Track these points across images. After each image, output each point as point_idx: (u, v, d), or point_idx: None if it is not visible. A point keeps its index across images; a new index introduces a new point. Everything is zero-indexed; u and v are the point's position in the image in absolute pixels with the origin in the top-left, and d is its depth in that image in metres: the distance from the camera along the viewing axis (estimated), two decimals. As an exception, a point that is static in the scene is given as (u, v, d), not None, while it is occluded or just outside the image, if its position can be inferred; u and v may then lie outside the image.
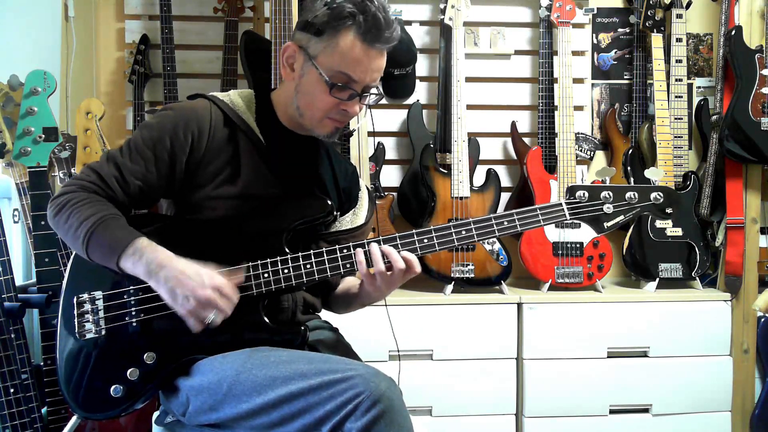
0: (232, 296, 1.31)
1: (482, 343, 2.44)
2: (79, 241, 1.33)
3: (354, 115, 1.44)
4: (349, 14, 1.35)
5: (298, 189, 1.48)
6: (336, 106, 1.41)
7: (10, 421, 1.88)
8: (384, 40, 1.37)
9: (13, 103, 2.18)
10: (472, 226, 1.42)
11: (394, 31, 1.38)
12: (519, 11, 2.81)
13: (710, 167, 2.66)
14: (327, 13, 1.36)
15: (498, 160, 2.82)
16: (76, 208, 1.34)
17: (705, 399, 2.51)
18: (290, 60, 1.44)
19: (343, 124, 1.47)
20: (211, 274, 1.30)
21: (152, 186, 1.42)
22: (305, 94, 1.43)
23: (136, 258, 1.30)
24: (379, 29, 1.35)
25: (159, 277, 1.29)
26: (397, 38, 1.40)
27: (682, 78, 2.67)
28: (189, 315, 1.29)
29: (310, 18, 1.39)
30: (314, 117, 1.44)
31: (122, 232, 1.32)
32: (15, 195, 2.29)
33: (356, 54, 1.37)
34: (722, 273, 2.63)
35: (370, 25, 1.35)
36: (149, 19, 2.70)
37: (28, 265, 2.51)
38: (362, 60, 1.37)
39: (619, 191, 1.46)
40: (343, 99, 1.40)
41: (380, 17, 1.35)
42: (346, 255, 1.39)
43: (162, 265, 1.29)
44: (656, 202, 1.46)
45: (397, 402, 1.20)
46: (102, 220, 1.32)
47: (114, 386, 1.35)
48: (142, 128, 1.44)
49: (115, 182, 1.39)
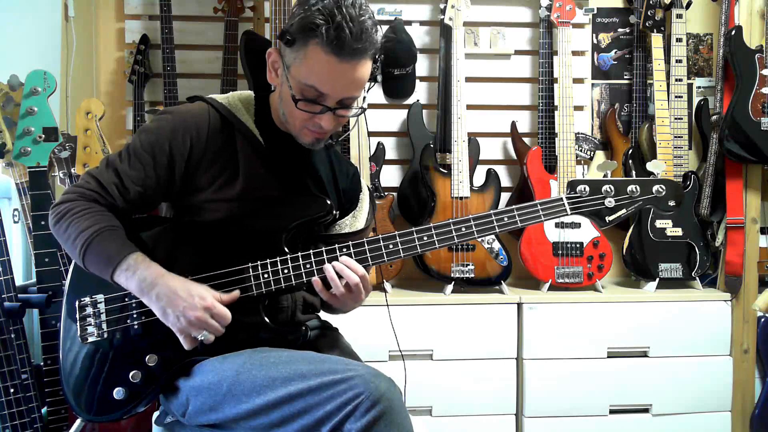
0: (224, 316, 1.30)
1: (482, 343, 2.44)
2: (76, 252, 1.34)
3: (329, 129, 1.39)
4: (316, 25, 1.28)
5: (297, 190, 1.48)
6: (309, 119, 1.37)
7: (10, 421, 1.88)
8: (351, 53, 1.29)
9: (13, 103, 2.18)
10: (472, 223, 1.41)
11: (366, 42, 1.30)
12: (519, 11, 2.81)
13: (710, 167, 2.65)
14: (299, 22, 1.30)
15: (498, 160, 2.82)
16: (75, 218, 1.34)
17: (705, 399, 2.51)
18: (275, 65, 1.42)
19: (323, 136, 1.41)
20: (203, 294, 1.30)
21: (152, 190, 1.41)
22: (284, 102, 1.41)
23: (129, 273, 1.30)
24: (343, 42, 1.27)
25: (151, 295, 1.30)
26: (371, 48, 1.32)
27: (682, 78, 2.67)
28: (180, 333, 1.30)
29: (286, 26, 1.35)
30: (294, 126, 1.42)
31: (117, 247, 1.32)
32: (15, 195, 2.29)
33: (322, 67, 1.30)
34: (722, 273, 2.63)
35: (334, 36, 1.27)
36: (149, 19, 2.70)
37: (28, 265, 2.51)
38: (329, 73, 1.31)
39: (620, 185, 1.44)
40: (314, 112, 1.36)
41: (346, 28, 1.27)
42: (346, 254, 1.38)
43: (154, 284, 1.29)
44: (658, 194, 1.44)
45: (396, 402, 1.21)
46: (99, 232, 1.32)
47: (116, 389, 1.36)
48: (141, 133, 1.43)
49: (114, 189, 1.39)
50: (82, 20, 2.65)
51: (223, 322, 1.31)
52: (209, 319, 1.29)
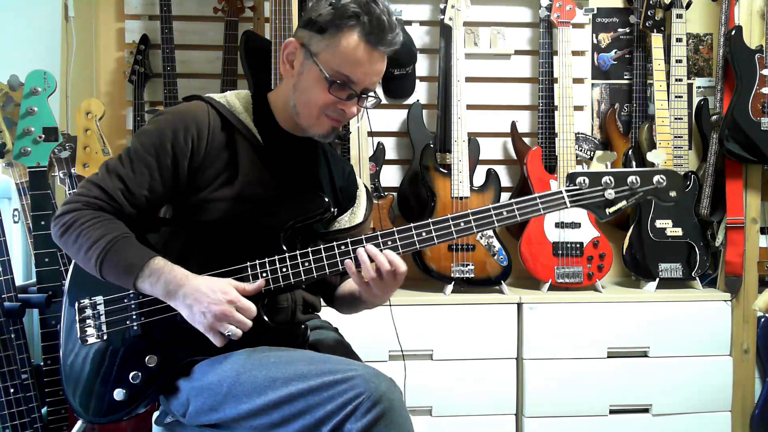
0: (248, 308, 1.30)
1: (482, 343, 2.44)
2: (91, 263, 1.32)
3: (351, 116, 1.43)
4: (354, 14, 1.34)
5: (295, 188, 1.48)
6: (334, 104, 1.41)
7: (10, 421, 1.88)
8: (387, 43, 1.37)
9: (13, 103, 2.18)
10: (471, 218, 1.39)
11: (397, 35, 1.38)
12: (519, 11, 2.81)
13: (710, 167, 2.65)
14: (331, 11, 1.36)
15: (498, 160, 2.82)
16: (84, 229, 1.33)
17: (705, 399, 2.51)
18: (290, 57, 1.44)
19: (340, 124, 1.45)
20: (226, 289, 1.30)
21: (158, 194, 1.41)
22: (303, 91, 1.42)
23: (153, 280, 1.30)
24: (382, 31, 1.35)
25: (178, 296, 1.29)
26: (398, 42, 1.39)
27: (682, 78, 2.67)
28: (208, 330, 1.29)
29: (314, 16, 1.38)
30: (311, 114, 1.43)
31: (136, 254, 1.32)
32: (15, 195, 2.29)
33: (358, 55, 1.36)
34: (722, 273, 2.63)
35: (374, 26, 1.35)
36: (149, 19, 2.70)
37: (28, 265, 2.51)
38: (363, 61, 1.37)
39: (620, 176, 1.41)
40: (341, 98, 1.40)
41: (384, 20, 1.35)
42: (344, 252, 1.38)
43: (180, 284, 1.29)
44: (659, 185, 1.42)
45: (397, 403, 1.20)
46: (114, 241, 1.32)
47: (117, 390, 1.36)
48: (140, 135, 1.42)
49: (120, 195, 1.38)
50: (82, 20, 2.65)
51: (248, 315, 1.30)
52: (234, 313, 1.29)
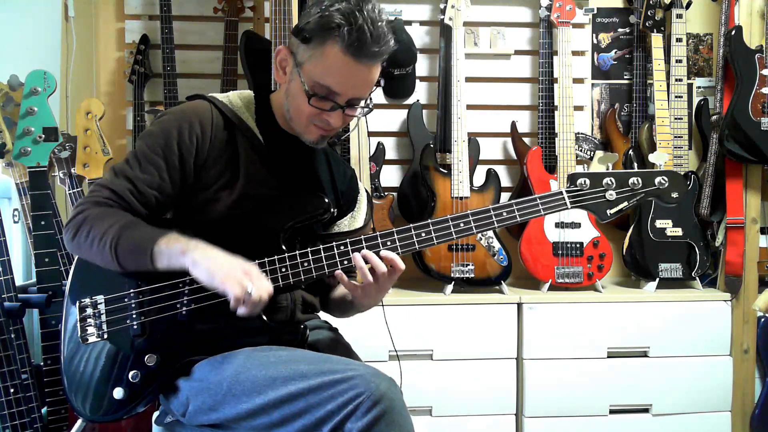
0: (267, 286, 1.29)
1: (482, 343, 2.44)
2: (106, 250, 1.31)
3: (337, 126, 1.41)
4: (336, 25, 1.30)
5: (295, 189, 1.48)
6: (318, 115, 1.39)
7: (10, 421, 1.88)
8: (370, 55, 1.32)
9: (13, 103, 2.18)
10: (471, 218, 1.39)
11: (384, 46, 1.33)
12: (519, 11, 2.81)
13: (710, 167, 2.65)
14: (317, 20, 1.32)
15: (498, 160, 2.82)
16: (95, 222, 1.33)
17: (705, 399, 2.51)
18: (283, 63, 1.44)
19: (328, 132, 1.44)
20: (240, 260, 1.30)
21: (167, 194, 1.41)
22: (292, 98, 1.42)
23: (171, 241, 1.29)
24: (363, 43, 1.30)
25: (198, 248, 1.28)
26: (388, 51, 1.35)
27: (682, 78, 2.67)
28: (228, 277, 1.26)
29: (302, 23, 1.36)
30: (300, 122, 1.43)
31: (149, 232, 1.32)
32: (15, 195, 2.29)
33: (338, 67, 1.33)
34: (722, 273, 2.63)
35: (355, 38, 1.30)
36: (149, 19, 2.70)
37: (28, 265, 2.51)
38: (344, 73, 1.34)
39: (621, 177, 1.41)
40: (324, 109, 1.38)
41: (367, 30, 1.29)
42: (343, 252, 1.38)
43: (197, 246, 1.29)
44: (661, 186, 1.41)
45: (397, 402, 1.20)
46: (125, 226, 1.32)
47: (117, 389, 1.36)
48: (146, 137, 1.42)
49: (129, 195, 1.37)
50: (82, 20, 2.65)
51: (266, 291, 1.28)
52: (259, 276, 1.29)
